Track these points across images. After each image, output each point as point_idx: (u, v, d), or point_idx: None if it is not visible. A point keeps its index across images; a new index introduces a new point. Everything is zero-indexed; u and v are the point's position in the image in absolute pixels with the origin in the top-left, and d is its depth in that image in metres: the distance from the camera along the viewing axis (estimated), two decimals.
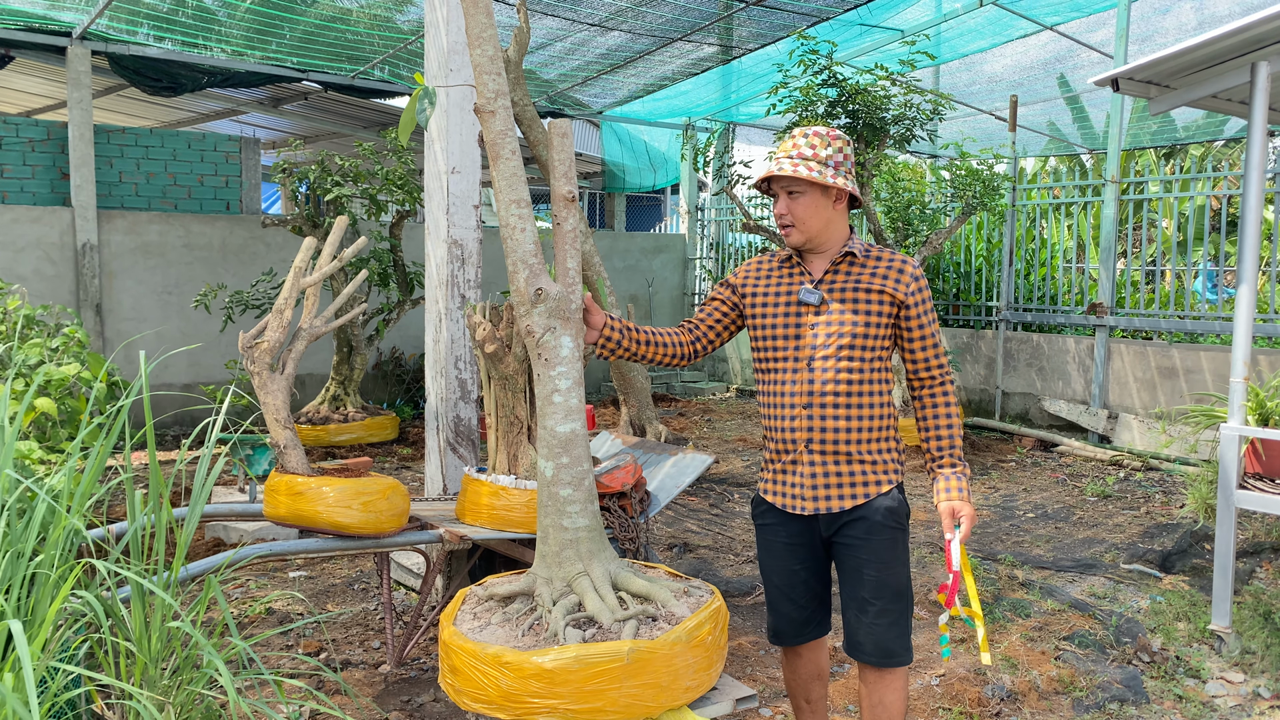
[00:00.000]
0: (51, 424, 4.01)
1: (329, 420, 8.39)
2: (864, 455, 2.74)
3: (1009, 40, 10.35)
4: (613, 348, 2.86)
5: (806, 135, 2.74)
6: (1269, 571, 5.33)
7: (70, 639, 2.39)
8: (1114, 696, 3.83)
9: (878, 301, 2.72)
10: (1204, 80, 4.47)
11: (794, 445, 2.76)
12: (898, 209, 8.66)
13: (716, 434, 9.71)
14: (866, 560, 2.74)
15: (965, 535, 2.73)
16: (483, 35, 2.74)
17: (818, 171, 2.67)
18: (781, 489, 2.82)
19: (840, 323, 2.71)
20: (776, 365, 2.78)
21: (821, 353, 2.72)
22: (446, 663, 2.66)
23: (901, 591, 2.77)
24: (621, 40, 9.97)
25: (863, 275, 2.75)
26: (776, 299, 2.80)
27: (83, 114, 8.88)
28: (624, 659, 2.48)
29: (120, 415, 2.50)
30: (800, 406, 2.73)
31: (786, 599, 2.89)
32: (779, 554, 2.86)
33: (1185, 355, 8.26)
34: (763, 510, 2.90)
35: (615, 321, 2.86)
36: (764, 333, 2.81)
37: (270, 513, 3.53)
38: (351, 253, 3.84)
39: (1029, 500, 7.07)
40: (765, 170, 2.76)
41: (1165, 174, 10.03)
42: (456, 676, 2.60)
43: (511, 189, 2.75)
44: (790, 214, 2.72)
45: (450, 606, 2.84)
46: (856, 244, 2.78)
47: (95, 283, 8.81)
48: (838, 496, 2.74)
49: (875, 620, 2.73)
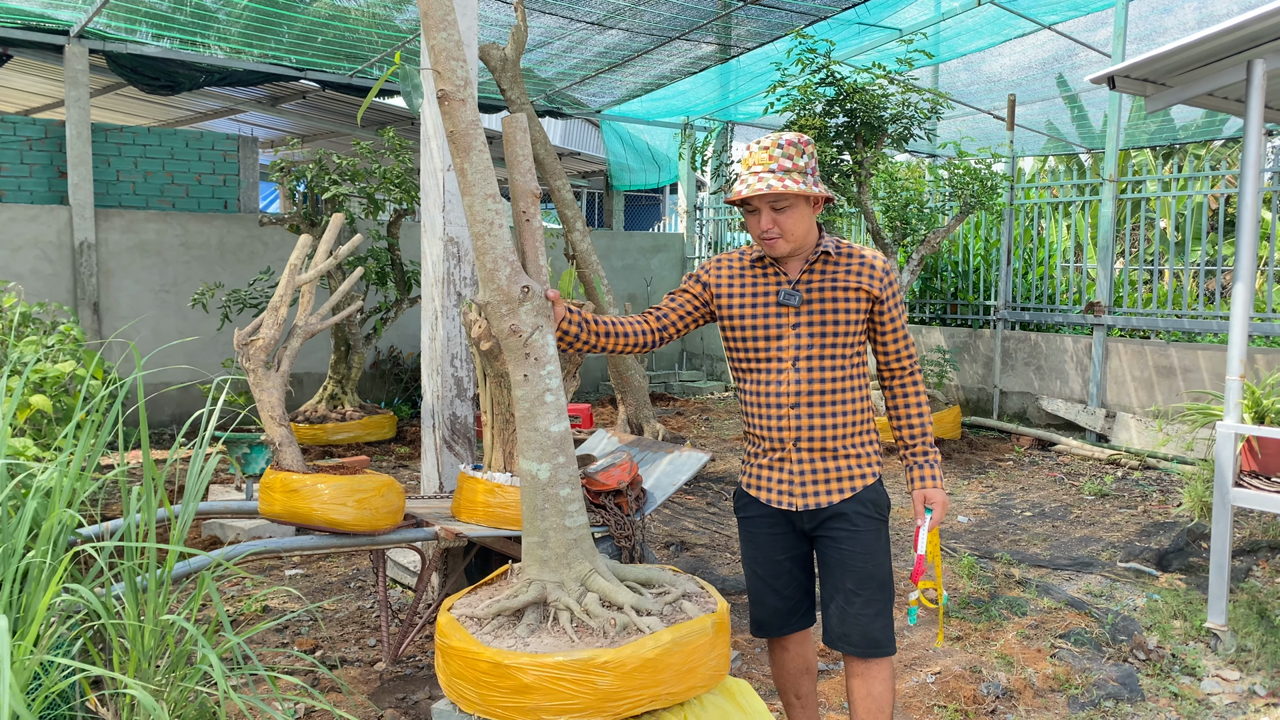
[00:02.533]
0: (47, 421, 4.01)
1: (326, 419, 8.39)
2: (849, 450, 2.80)
3: (1007, 39, 10.35)
4: (570, 340, 2.81)
5: (780, 145, 2.69)
6: (1265, 570, 5.33)
7: (64, 635, 2.39)
8: (1109, 694, 3.83)
9: (855, 299, 2.76)
10: (1200, 78, 4.47)
11: (781, 443, 2.79)
12: (896, 208, 8.66)
13: (714, 433, 9.71)
14: (851, 552, 2.78)
15: (937, 520, 2.84)
16: (445, 19, 2.60)
17: (803, 184, 2.66)
18: (767, 485, 2.85)
19: (822, 322, 2.75)
20: (759, 366, 2.80)
21: (805, 353, 2.75)
22: (511, 687, 2.43)
23: (885, 582, 2.81)
24: (620, 38, 9.97)
25: (838, 274, 2.78)
26: (754, 300, 2.80)
27: (80, 112, 8.87)
28: (709, 631, 2.61)
29: (114, 410, 2.50)
30: (787, 406, 2.76)
31: (771, 590, 2.92)
32: (763, 545, 2.90)
33: (1183, 354, 8.26)
34: (745, 503, 2.93)
35: (573, 315, 2.79)
36: (744, 334, 2.81)
37: (266, 510, 3.53)
38: (347, 250, 3.84)
39: (1026, 499, 7.07)
40: (750, 189, 2.66)
41: (1163, 174, 10.04)
42: (534, 694, 2.41)
43: (485, 183, 2.64)
44: (778, 227, 2.69)
45: (459, 640, 2.59)
46: (828, 242, 2.80)
47: (93, 281, 8.81)
48: (825, 492, 2.79)
49: (861, 611, 2.77)
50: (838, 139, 8.04)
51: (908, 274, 8.38)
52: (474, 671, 2.49)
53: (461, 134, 2.62)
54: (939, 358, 9.40)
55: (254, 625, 4.42)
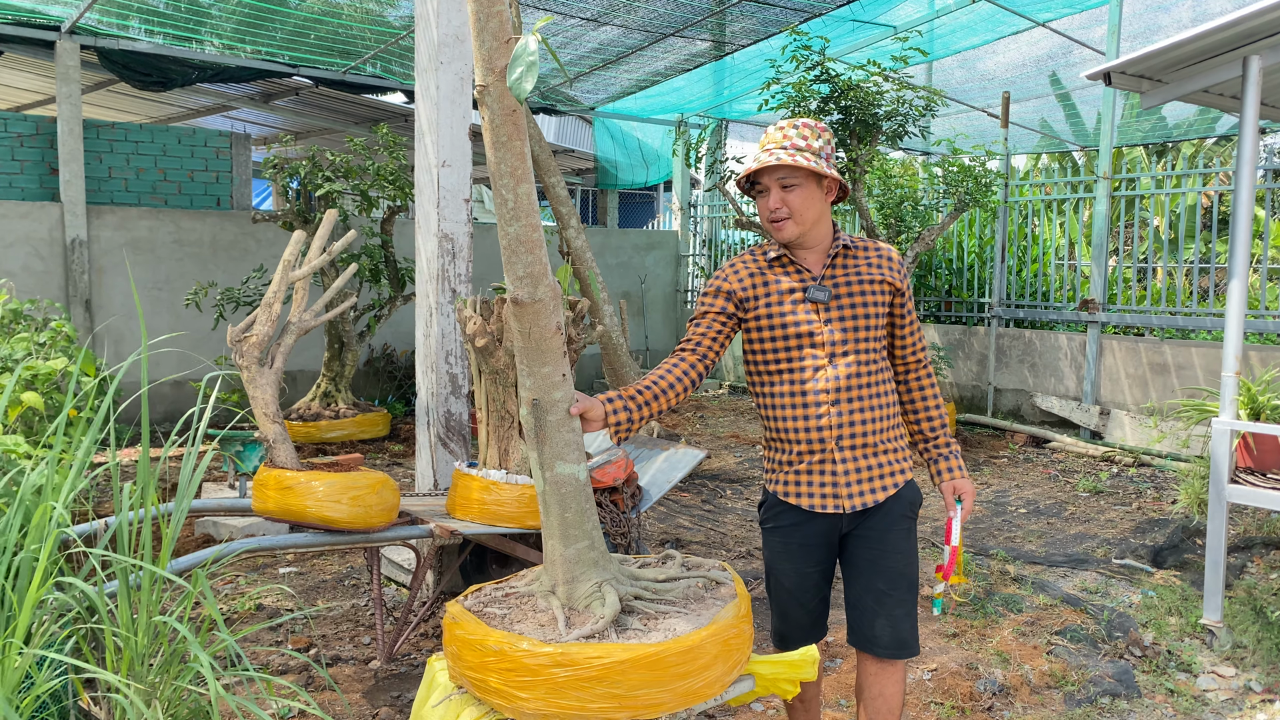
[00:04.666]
0: (39, 419, 3.98)
1: (320, 417, 8.36)
2: (888, 445, 2.73)
3: (1001, 37, 10.36)
4: (627, 428, 2.62)
5: (796, 126, 2.67)
6: (1260, 566, 5.34)
7: (56, 634, 2.37)
8: (1105, 691, 3.83)
9: (880, 291, 2.72)
10: (1196, 74, 4.47)
11: (822, 444, 2.68)
12: (890, 205, 8.65)
13: (709, 430, 9.70)
14: (886, 551, 2.71)
15: (968, 511, 2.79)
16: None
17: (814, 161, 2.61)
18: (809, 489, 2.72)
19: (854, 315, 2.68)
20: (794, 365, 2.69)
21: (840, 348, 2.67)
22: (686, 671, 2.29)
23: (914, 582, 2.76)
24: (614, 35, 9.95)
25: (860, 266, 2.73)
26: (782, 299, 2.70)
27: (72, 109, 8.83)
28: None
29: (105, 407, 2.48)
30: (828, 404, 2.66)
31: (797, 604, 2.82)
32: (794, 556, 2.78)
33: (1177, 351, 8.28)
34: (779, 512, 2.78)
35: (615, 404, 2.58)
36: (777, 333, 2.70)
37: (259, 507, 3.51)
38: (340, 246, 3.82)
39: (1021, 496, 7.07)
40: (760, 162, 2.63)
41: (1157, 171, 10.06)
42: (709, 667, 2.34)
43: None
44: (786, 206, 2.64)
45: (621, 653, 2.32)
46: (845, 236, 2.77)
47: (85, 279, 8.77)
48: (870, 490, 2.70)
49: (893, 611, 2.71)
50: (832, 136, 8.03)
51: None
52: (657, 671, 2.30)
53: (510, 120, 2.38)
54: (934, 355, 9.40)
55: (248, 624, 4.41)
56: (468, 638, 2.36)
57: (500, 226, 2.35)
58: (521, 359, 2.45)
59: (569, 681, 2.23)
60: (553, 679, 2.23)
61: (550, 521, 2.50)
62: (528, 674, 2.25)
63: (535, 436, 2.47)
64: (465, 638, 2.37)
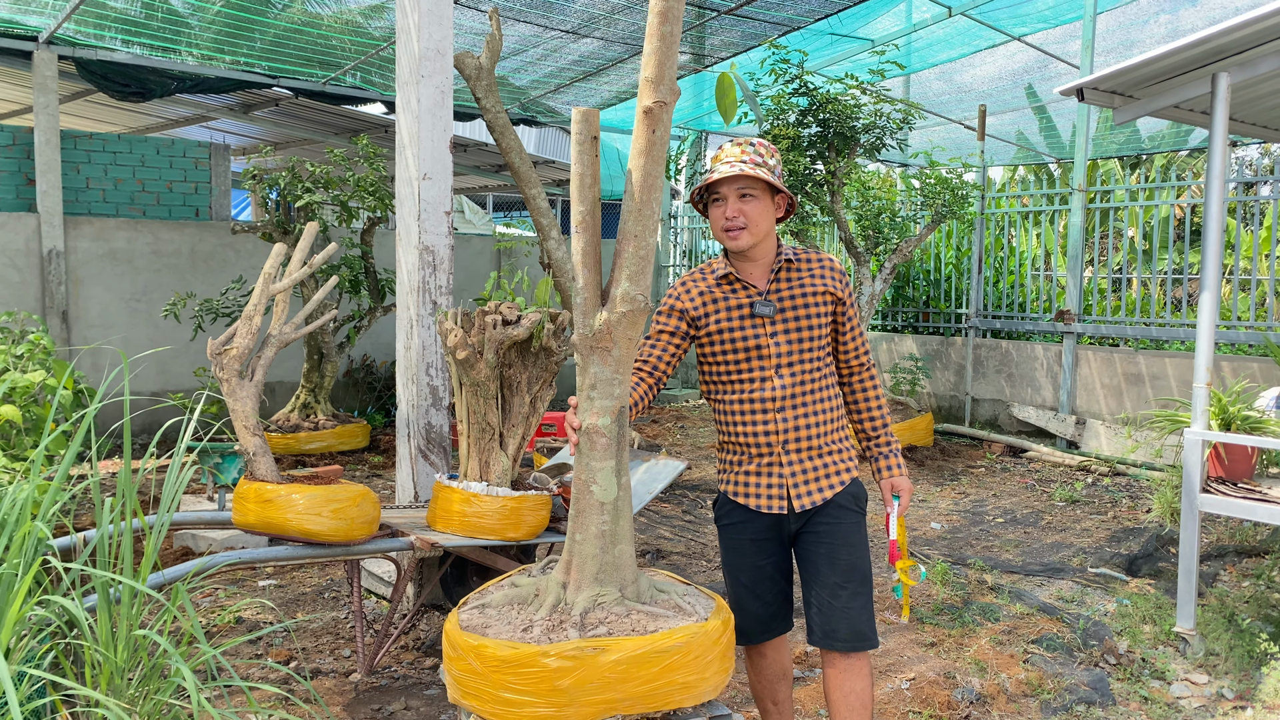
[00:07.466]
0: (16, 432, 3.96)
1: (299, 428, 8.32)
2: (833, 446, 2.89)
3: (978, 50, 10.48)
4: None
5: (753, 144, 2.81)
6: (1232, 574, 5.41)
7: (35, 649, 2.36)
8: (1081, 699, 3.88)
9: (823, 301, 2.87)
10: (1167, 90, 4.55)
11: (770, 448, 2.85)
12: (868, 217, 8.73)
13: (689, 440, 9.72)
14: (837, 545, 2.84)
15: (904, 506, 2.97)
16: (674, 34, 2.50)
17: (771, 177, 2.77)
18: (757, 490, 2.89)
19: (798, 328, 2.84)
20: (744, 376, 2.87)
21: (786, 359, 2.84)
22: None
23: (867, 575, 2.88)
24: (594, 47, 9.99)
25: (804, 278, 2.88)
26: (730, 316, 2.86)
27: (49, 119, 8.77)
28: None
29: (85, 421, 2.48)
30: (774, 411, 2.83)
31: (753, 596, 2.95)
32: (746, 551, 2.93)
33: (1151, 361, 8.38)
34: (729, 510, 2.96)
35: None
36: (727, 348, 2.87)
37: (239, 520, 3.50)
38: (321, 259, 3.83)
39: (998, 505, 7.13)
40: (721, 173, 2.75)
41: (1131, 183, 10.19)
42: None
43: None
44: (743, 215, 2.77)
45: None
46: (787, 250, 2.90)
47: (62, 290, 8.71)
48: (817, 490, 2.86)
49: (848, 604, 2.81)
50: (811, 149, 8.11)
51: (880, 282, 8.45)
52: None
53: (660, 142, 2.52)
54: (911, 365, 9.47)
55: (227, 636, 4.39)
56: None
57: (640, 237, 2.50)
58: (617, 368, 2.57)
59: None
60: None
61: (603, 528, 2.66)
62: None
63: (616, 444, 2.62)
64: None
